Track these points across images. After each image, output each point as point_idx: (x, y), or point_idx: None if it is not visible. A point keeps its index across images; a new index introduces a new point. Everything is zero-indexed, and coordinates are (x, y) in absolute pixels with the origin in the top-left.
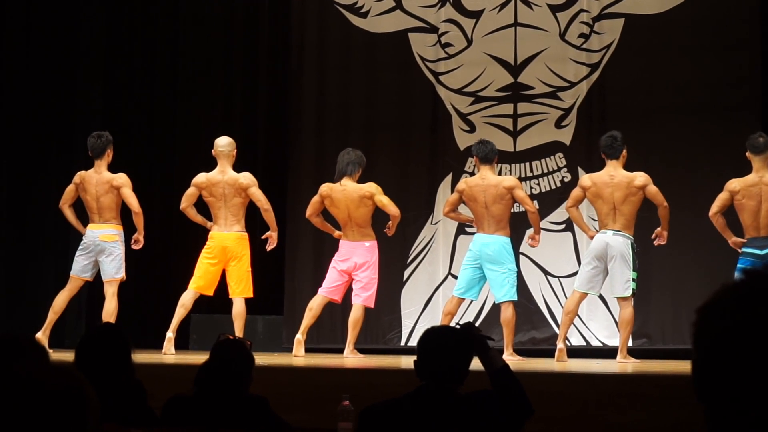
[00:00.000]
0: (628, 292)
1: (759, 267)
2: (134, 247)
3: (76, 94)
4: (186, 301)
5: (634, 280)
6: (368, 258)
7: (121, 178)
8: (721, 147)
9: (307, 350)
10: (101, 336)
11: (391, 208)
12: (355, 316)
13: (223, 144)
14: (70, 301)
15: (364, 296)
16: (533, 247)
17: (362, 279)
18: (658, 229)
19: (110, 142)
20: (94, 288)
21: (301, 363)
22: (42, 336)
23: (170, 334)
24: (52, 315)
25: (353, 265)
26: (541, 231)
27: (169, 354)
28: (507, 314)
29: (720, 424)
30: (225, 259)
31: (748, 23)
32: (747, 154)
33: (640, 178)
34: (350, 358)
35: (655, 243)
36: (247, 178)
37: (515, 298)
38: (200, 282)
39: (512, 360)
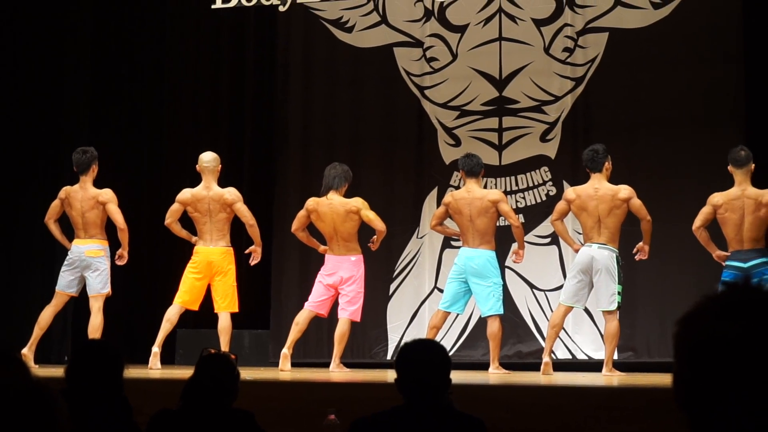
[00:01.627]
0: (614, 306)
1: (739, 279)
2: (118, 263)
3: (62, 108)
4: (171, 315)
5: (619, 293)
6: (354, 272)
7: (107, 194)
8: (706, 160)
9: (294, 364)
10: (96, 352)
11: (378, 223)
12: (341, 330)
13: (208, 159)
14: (55, 316)
15: (350, 310)
16: (517, 263)
17: (348, 293)
18: (640, 243)
19: (95, 157)
20: (80, 303)
21: (288, 377)
22: (28, 351)
23: (156, 349)
24: (38, 330)
25: (339, 280)
26: (527, 245)
27: (155, 369)
28: (493, 328)
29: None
30: (210, 273)
31: (732, 36)
32: (729, 167)
33: (624, 191)
34: (336, 372)
35: (637, 258)
36: (232, 193)
37: (501, 311)
38: (185, 297)
39: (498, 373)
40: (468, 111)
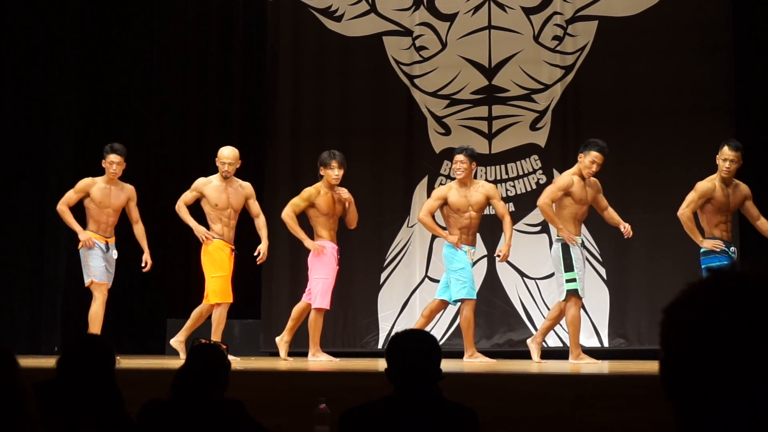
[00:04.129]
0: (563, 295)
1: (724, 266)
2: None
3: (50, 99)
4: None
5: (569, 280)
6: (312, 257)
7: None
8: (695, 149)
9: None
10: (85, 348)
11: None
12: (309, 319)
13: None
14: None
15: (314, 299)
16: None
17: (310, 280)
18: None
19: (105, 154)
20: (69, 295)
21: (282, 366)
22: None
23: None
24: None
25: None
26: (517, 232)
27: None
28: (462, 315)
29: (687, 422)
30: None
31: (722, 26)
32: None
33: (564, 178)
34: (314, 361)
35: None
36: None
37: (461, 297)
38: None
39: (474, 361)
40: (457, 100)
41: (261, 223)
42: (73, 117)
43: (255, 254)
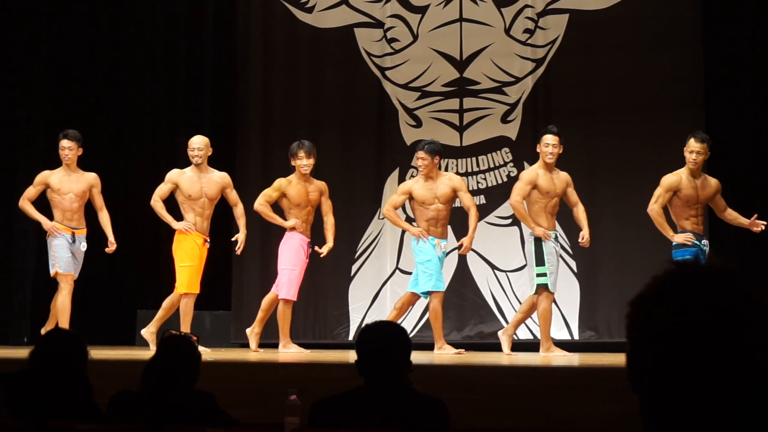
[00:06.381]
0: (534, 289)
1: (689, 259)
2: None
3: (18, 103)
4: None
5: (541, 274)
6: (281, 247)
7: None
8: (665, 143)
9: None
10: (58, 341)
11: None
12: (278, 310)
13: None
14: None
15: (279, 289)
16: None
17: (278, 270)
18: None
19: (58, 141)
20: (39, 286)
21: (252, 358)
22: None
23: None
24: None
25: None
26: (489, 225)
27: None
28: (430, 307)
29: (652, 414)
30: None
31: (691, 20)
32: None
33: (529, 172)
34: (284, 352)
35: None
36: None
37: (428, 289)
38: None
39: (444, 353)
40: (429, 92)
41: (239, 213)
42: (42, 110)
43: (233, 239)
